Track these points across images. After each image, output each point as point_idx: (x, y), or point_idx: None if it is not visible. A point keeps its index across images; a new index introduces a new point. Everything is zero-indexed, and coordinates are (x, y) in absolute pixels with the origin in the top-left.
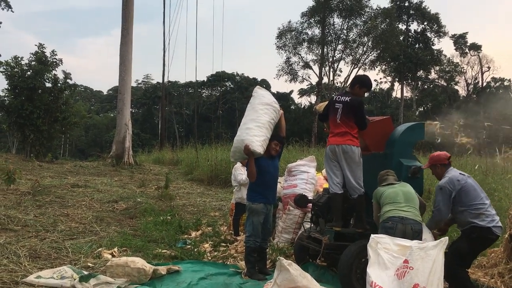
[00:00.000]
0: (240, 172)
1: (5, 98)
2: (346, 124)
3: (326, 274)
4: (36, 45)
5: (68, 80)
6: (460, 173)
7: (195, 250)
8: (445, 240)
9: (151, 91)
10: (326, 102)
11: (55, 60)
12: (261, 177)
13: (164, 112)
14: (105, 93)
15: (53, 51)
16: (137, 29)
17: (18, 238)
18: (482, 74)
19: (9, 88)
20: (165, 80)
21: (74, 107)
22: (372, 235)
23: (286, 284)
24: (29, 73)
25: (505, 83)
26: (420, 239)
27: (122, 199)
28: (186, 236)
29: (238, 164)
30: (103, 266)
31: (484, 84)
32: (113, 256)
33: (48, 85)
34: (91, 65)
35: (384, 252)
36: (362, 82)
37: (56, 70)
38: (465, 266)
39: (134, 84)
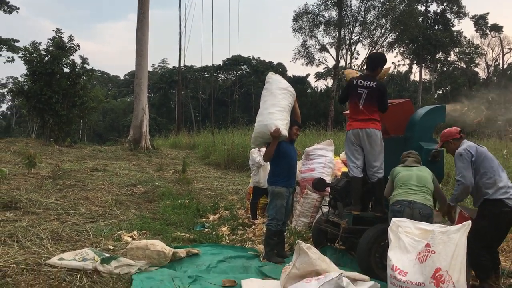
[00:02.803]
0: (257, 156)
1: (25, 84)
2: (369, 109)
3: (345, 258)
4: (53, 30)
5: (85, 65)
6: (477, 144)
7: (214, 233)
8: (468, 224)
9: (167, 76)
10: (355, 72)
11: (72, 45)
12: (284, 161)
13: (181, 96)
14: (122, 78)
15: (70, 36)
16: (154, 14)
17: (40, 221)
18: (503, 55)
19: (28, 73)
20: (181, 64)
21: (92, 92)
22: (393, 219)
23: (305, 267)
24: (47, 58)
25: None
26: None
27: (141, 183)
28: (204, 219)
29: (255, 149)
30: (124, 248)
31: (505, 66)
32: (133, 239)
33: (66, 70)
34: (108, 50)
35: (405, 236)
36: (383, 61)
37: (73, 55)
38: (487, 247)
39: (150, 69)
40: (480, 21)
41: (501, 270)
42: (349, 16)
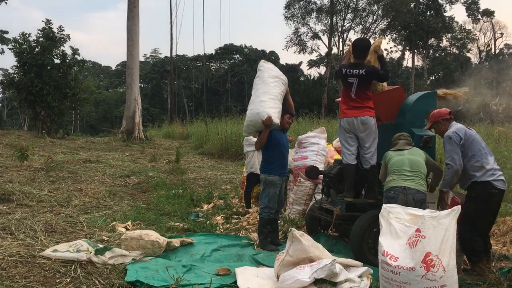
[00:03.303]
0: (251, 142)
1: (15, 75)
2: (361, 97)
3: (338, 244)
4: (43, 21)
5: (76, 56)
6: (466, 127)
7: (208, 222)
8: (457, 209)
9: (159, 66)
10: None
11: (62, 36)
12: (276, 149)
13: (173, 86)
14: (113, 68)
15: (60, 27)
16: (144, 3)
17: (33, 213)
18: (495, 40)
19: (18, 65)
20: (173, 54)
21: (83, 83)
22: (384, 205)
23: (299, 254)
24: (37, 49)
25: None
26: (423, 208)
27: (134, 174)
28: (198, 209)
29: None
30: (118, 239)
31: (497, 51)
32: (127, 229)
33: (57, 61)
34: (99, 41)
35: (396, 222)
36: (368, 47)
37: (64, 46)
38: (478, 230)
39: (142, 59)
40: (472, 6)
41: (492, 253)
42: (341, 3)
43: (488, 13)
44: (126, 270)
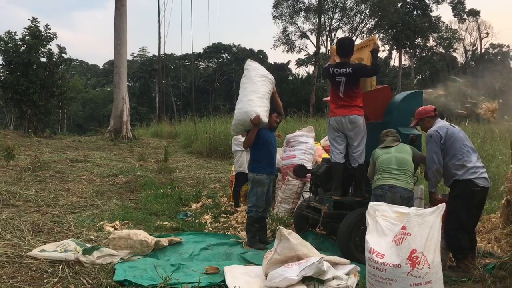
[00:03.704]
0: (240, 141)
1: (1, 74)
2: (350, 96)
3: (326, 242)
4: (29, 19)
5: (63, 55)
6: (450, 124)
7: (196, 221)
8: (442, 207)
9: (147, 64)
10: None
11: (49, 34)
12: (264, 147)
13: (161, 85)
14: (101, 67)
15: (46, 25)
16: (132, 1)
17: (20, 213)
18: (481, 40)
19: (4, 64)
20: (161, 52)
21: (70, 81)
22: (370, 203)
23: (287, 252)
24: (23, 48)
25: (504, 49)
26: (411, 206)
27: (122, 173)
28: (186, 208)
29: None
30: (106, 239)
31: (483, 50)
32: (115, 229)
33: (43, 60)
34: (86, 39)
35: (382, 219)
36: (352, 44)
37: (50, 45)
38: (463, 228)
39: (130, 57)
40: (458, 6)
41: (477, 250)
42: (329, 2)
43: (474, 13)
44: (114, 270)
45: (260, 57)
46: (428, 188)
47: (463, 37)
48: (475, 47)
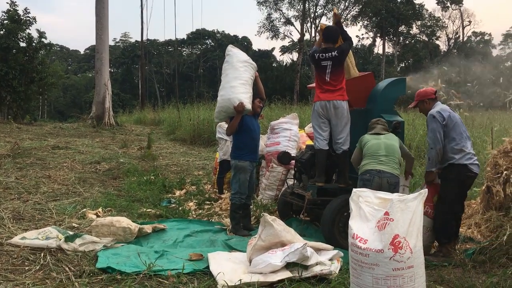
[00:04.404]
0: (224, 128)
1: None
2: (335, 80)
3: (309, 229)
4: (7, 2)
5: (43, 39)
6: (450, 108)
7: (180, 208)
8: (424, 192)
9: (129, 50)
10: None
11: (28, 18)
12: (247, 134)
13: (144, 71)
14: (82, 52)
15: (25, 9)
16: None
17: (0, 200)
18: (463, 28)
19: None
20: (144, 38)
21: (51, 67)
22: (354, 189)
23: (271, 239)
24: (1, 32)
25: (486, 37)
26: (397, 191)
27: (105, 160)
28: (170, 195)
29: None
30: (88, 226)
31: (465, 38)
32: (97, 216)
33: (23, 44)
34: (66, 24)
35: (365, 205)
36: (337, 30)
37: (30, 29)
38: (454, 213)
39: (112, 43)
40: None
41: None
42: None
43: (457, 1)
44: (97, 257)
45: (244, 43)
46: (427, 167)
47: (446, 25)
48: (457, 35)
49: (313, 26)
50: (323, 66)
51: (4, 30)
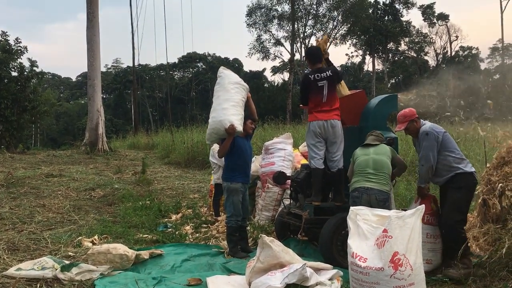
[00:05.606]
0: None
1: None
2: (331, 100)
3: (308, 248)
4: None
5: (34, 68)
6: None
7: (177, 233)
8: (422, 208)
9: (121, 76)
10: (327, 41)
11: (19, 48)
12: (239, 156)
13: (136, 96)
14: (74, 79)
15: (17, 39)
16: (104, 12)
17: None
18: (451, 43)
19: None
20: (135, 63)
21: (43, 95)
22: (351, 207)
23: (269, 260)
24: None
25: (473, 51)
26: (387, 207)
27: (99, 187)
28: (166, 219)
29: (215, 145)
30: (84, 254)
31: (453, 53)
32: (93, 244)
33: (14, 74)
34: (58, 52)
35: (363, 223)
36: (319, 49)
37: (21, 58)
38: (463, 222)
39: (103, 69)
40: (427, 11)
41: None
42: (302, 10)
43: (443, 17)
44: (94, 286)
45: (235, 65)
46: (418, 183)
47: (433, 41)
48: (445, 50)
49: (302, 46)
50: (320, 87)
51: None
